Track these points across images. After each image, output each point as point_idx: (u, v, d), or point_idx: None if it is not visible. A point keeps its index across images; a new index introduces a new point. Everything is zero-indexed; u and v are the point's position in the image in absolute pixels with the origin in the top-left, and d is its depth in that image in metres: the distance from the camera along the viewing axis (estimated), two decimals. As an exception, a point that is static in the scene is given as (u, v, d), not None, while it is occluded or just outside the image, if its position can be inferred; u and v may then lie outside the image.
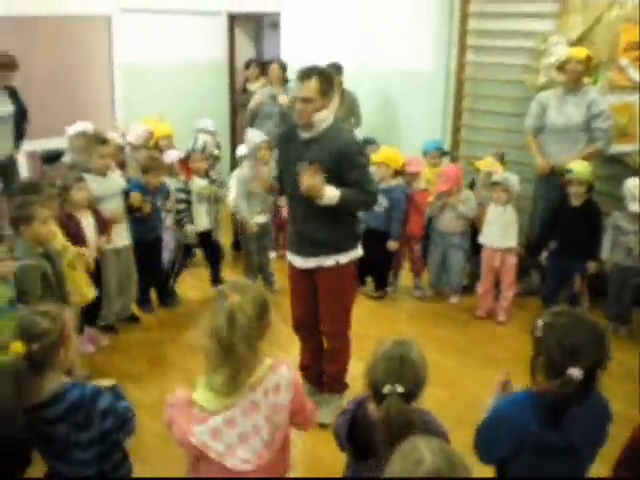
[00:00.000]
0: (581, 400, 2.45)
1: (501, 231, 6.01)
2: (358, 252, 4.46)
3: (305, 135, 4.18)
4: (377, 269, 6.58)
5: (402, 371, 2.44)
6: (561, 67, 6.11)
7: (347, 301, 4.52)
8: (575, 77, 6.00)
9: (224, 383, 2.54)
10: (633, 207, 5.55)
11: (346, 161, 4.09)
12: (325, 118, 4.14)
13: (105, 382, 2.94)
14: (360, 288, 6.36)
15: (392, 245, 6.43)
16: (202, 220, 6.49)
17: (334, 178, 4.04)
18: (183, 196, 6.36)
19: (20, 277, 4.03)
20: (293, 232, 4.47)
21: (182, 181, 6.41)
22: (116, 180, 5.76)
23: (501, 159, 6.55)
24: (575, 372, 2.38)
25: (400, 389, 2.39)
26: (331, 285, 4.37)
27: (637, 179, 5.62)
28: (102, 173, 5.58)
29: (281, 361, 2.70)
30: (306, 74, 4.09)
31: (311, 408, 2.85)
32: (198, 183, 6.42)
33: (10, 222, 4.26)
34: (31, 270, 4.06)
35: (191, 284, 6.71)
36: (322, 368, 4.69)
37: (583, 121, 5.99)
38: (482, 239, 6.13)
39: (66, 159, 7.07)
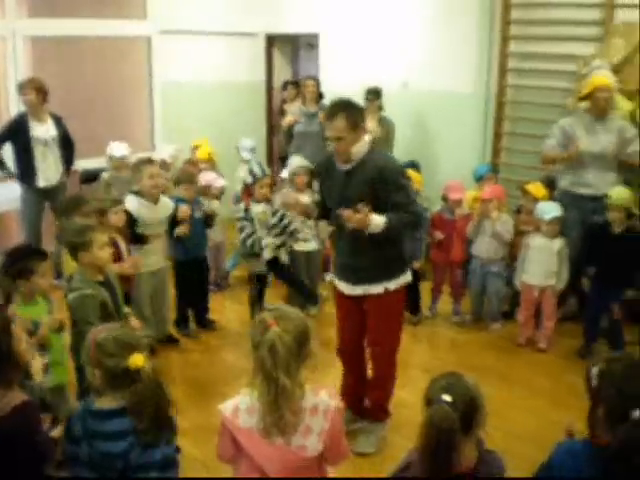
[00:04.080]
0: None
1: (544, 268, 5.95)
2: (407, 277, 4.45)
3: (343, 167, 4.20)
4: (409, 294, 6.47)
5: (453, 384, 2.46)
6: (588, 96, 6.06)
7: (396, 326, 4.50)
8: (603, 105, 5.98)
9: (266, 412, 2.56)
10: None
11: (385, 185, 4.09)
12: (360, 149, 4.14)
13: None
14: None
15: (416, 265, 6.15)
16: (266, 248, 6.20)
17: (376, 203, 4.04)
18: (245, 224, 6.13)
19: (77, 307, 4.04)
20: (339, 263, 4.49)
21: (243, 209, 6.21)
22: (166, 205, 5.75)
23: (550, 185, 6.47)
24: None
25: (448, 398, 2.38)
26: (380, 311, 4.35)
27: None
28: (154, 197, 5.60)
29: (323, 388, 2.70)
30: (331, 113, 4.10)
31: (345, 445, 2.79)
32: (256, 209, 6.18)
33: (68, 249, 4.26)
34: (87, 300, 4.05)
35: (230, 307, 6.70)
36: (363, 394, 4.66)
37: (615, 147, 5.98)
38: (526, 278, 6.04)
39: (104, 176, 7.17)
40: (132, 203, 5.55)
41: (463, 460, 2.43)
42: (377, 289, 4.30)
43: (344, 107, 4.10)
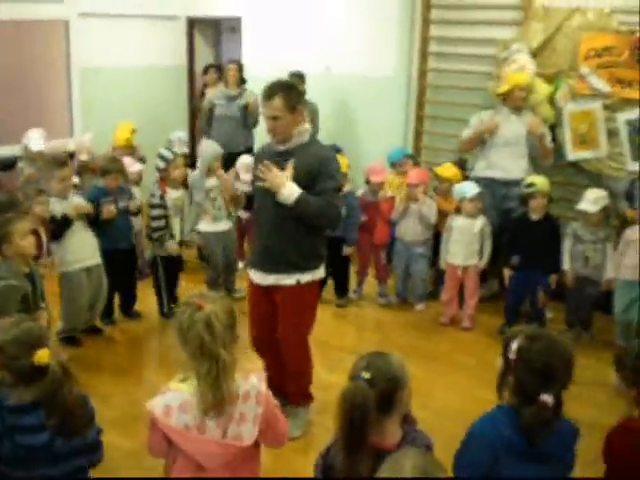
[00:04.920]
0: (552, 423, 2.48)
1: (466, 248, 6.07)
2: (320, 273, 4.39)
3: (280, 147, 4.16)
4: (337, 276, 6.56)
5: (373, 362, 2.47)
6: (506, 94, 6.29)
7: (307, 322, 4.45)
8: (520, 103, 6.27)
9: (208, 392, 2.51)
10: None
11: (319, 174, 4.08)
12: (304, 132, 4.14)
13: None
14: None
15: (347, 250, 6.40)
16: (176, 234, 6.19)
17: (306, 189, 4.03)
18: (161, 212, 6.05)
19: (0, 296, 3.94)
20: (256, 246, 4.43)
21: (158, 196, 6.09)
22: (77, 202, 5.60)
23: (462, 165, 6.58)
24: (548, 398, 2.42)
25: (366, 375, 2.40)
26: (291, 305, 4.28)
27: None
28: (62, 196, 5.49)
29: (252, 372, 2.68)
30: (269, 93, 4.07)
31: (283, 426, 2.78)
32: (172, 195, 6.13)
33: None
34: (12, 291, 3.98)
35: (153, 295, 6.59)
36: (285, 382, 4.56)
37: (528, 138, 6.23)
38: (449, 258, 6.16)
39: (21, 165, 6.95)
40: None
41: (385, 438, 2.46)
42: (289, 280, 4.23)
43: (282, 87, 4.09)
